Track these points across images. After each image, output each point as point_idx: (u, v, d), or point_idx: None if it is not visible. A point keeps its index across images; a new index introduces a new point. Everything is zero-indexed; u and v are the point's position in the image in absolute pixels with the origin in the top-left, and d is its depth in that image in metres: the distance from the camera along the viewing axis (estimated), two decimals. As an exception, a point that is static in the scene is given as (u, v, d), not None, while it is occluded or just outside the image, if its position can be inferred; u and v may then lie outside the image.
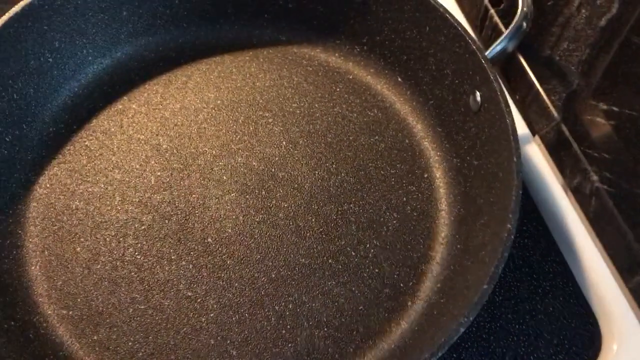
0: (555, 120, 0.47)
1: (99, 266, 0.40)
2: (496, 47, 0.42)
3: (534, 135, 0.50)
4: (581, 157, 0.45)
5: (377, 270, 0.41)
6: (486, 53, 0.41)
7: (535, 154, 0.48)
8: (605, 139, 0.44)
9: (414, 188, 0.44)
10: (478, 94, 0.41)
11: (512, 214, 0.34)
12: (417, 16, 0.43)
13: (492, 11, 0.52)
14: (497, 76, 0.39)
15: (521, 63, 0.50)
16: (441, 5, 0.41)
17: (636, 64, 0.42)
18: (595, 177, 0.44)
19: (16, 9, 0.41)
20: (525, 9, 0.43)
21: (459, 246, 0.40)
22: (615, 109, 0.44)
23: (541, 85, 0.48)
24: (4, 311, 0.37)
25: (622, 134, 0.44)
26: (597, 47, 0.45)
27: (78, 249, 0.41)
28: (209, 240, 0.41)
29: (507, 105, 0.37)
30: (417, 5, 0.43)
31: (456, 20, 0.41)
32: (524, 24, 0.43)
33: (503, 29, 0.50)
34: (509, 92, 0.52)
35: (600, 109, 0.45)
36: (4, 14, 0.41)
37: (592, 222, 0.45)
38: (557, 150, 0.48)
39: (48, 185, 0.43)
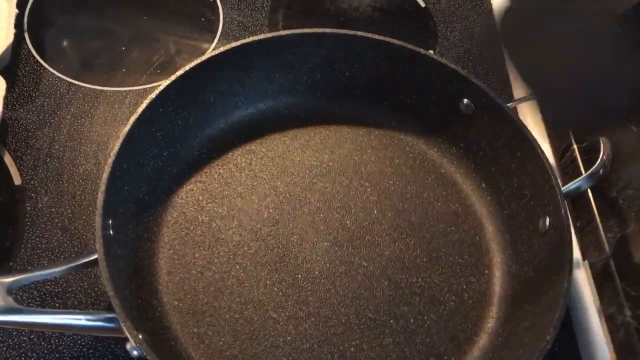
0: (606, 254, 0.54)
1: (209, 273, 0.50)
2: (572, 185, 0.50)
3: (584, 259, 0.57)
4: (620, 291, 0.52)
5: (428, 340, 0.49)
6: (562, 187, 0.49)
7: (582, 276, 0.56)
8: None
9: (474, 280, 0.52)
10: (548, 219, 0.49)
11: (553, 329, 0.42)
12: (512, 142, 0.52)
13: (574, 146, 0.60)
14: (568, 212, 0.47)
15: (589, 198, 0.57)
16: (535, 140, 0.50)
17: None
18: (628, 312, 0.51)
19: (203, 57, 0.51)
20: (604, 157, 0.51)
21: (500, 339, 0.48)
22: (663, 258, 0.52)
23: (601, 221, 0.56)
24: (136, 291, 0.46)
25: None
26: (658, 201, 0.53)
27: (197, 254, 0.51)
28: (299, 276, 0.50)
29: (570, 239, 0.46)
30: (516, 134, 0.51)
31: (545, 157, 0.49)
32: (601, 171, 0.51)
33: (581, 164, 0.58)
34: (572, 217, 0.60)
35: (650, 255, 0.52)
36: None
37: (616, 347, 0.52)
38: (601, 279, 0.55)
39: (184, 197, 0.53)
